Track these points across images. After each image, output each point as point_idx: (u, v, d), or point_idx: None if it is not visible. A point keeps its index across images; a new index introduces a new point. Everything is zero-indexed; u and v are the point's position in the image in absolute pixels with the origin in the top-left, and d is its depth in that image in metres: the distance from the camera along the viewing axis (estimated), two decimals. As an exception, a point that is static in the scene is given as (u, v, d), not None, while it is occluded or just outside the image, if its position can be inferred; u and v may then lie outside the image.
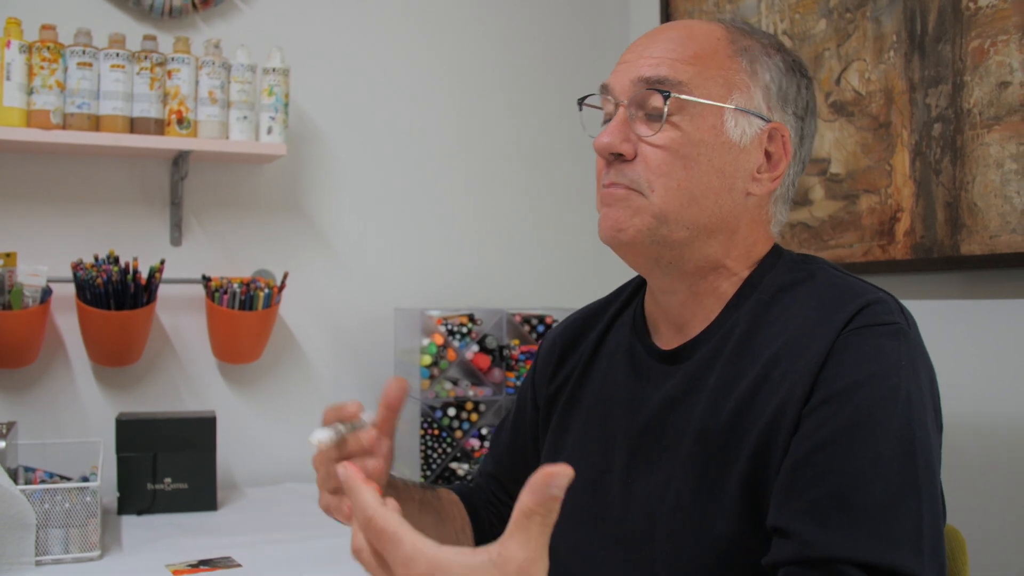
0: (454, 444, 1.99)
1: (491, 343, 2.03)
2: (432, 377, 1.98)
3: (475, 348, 2.02)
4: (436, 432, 1.98)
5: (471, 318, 2.03)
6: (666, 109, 0.92)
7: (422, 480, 1.95)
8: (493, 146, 2.23)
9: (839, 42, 1.73)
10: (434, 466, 1.98)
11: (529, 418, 1.17)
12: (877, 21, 1.66)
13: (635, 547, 0.95)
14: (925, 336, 0.93)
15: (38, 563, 1.43)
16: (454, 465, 1.99)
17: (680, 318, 0.99)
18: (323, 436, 0.88)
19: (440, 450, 1.98)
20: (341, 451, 0.92)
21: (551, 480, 0.57)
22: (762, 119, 0.95)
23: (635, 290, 1.11)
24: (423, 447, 1.97)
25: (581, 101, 1.02)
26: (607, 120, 0.99)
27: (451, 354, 2.00)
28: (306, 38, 2.05)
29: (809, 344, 0.86)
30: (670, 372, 0.98)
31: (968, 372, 1.51)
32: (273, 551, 1.54)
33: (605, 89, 0.98)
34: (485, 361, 2.02)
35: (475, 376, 2.03)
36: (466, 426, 2.00)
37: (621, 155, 0.94)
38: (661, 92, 0.92)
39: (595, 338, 1.12)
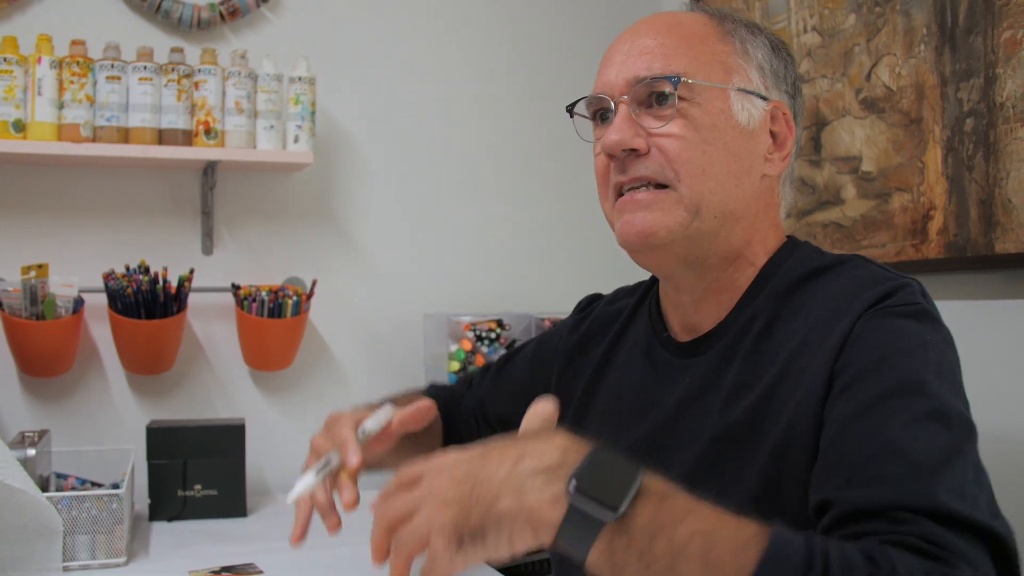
0: (483, 450, 1.98)
1: (519, 348, 2.02)
2: (460, 383, 1.97)
3: (503, 353, 2.00)
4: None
5: (500, 323, 2.02)
6: (676, 99, 0.90)
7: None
8: (522, 151, 2.22)
9: (869, 37, 1.69)
10: (463, 472, 1.97)
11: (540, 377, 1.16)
12: (907, 14, 1.61)
13: None
14: (960, 337, 0.90)
15: (65, 568, 1.46)
16: (483, 471, 1.98)
17: (696, 315, 0.97)
18: (301, 490, 0.95)
19: (469, 456, 1.98)
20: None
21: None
22: (763, 99, 0.93)
23: (653, 280, 1.09)
24: (452, 453, 1.97)
25: (571, 108, 1.00)
26: (602, 124, 0.97)
27: (480, 360, 1.99)
28: (335, 46, 2.07)
29: (829, 333, 0.84)
30: (686, 367, 0.96)
31: (1005, 373, 1.45)
32: (297, 558, 1.54)
33: (598, 93, 0.95)
34: (513, 367, 2.00)
35: (504, 382, 2.02)
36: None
37: (634, 150, 0.91)
38: (669, 79, 0.90)
39: (615, 332, 1.10)
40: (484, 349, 1.99)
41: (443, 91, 2.17)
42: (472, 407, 1.27)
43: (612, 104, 0.94)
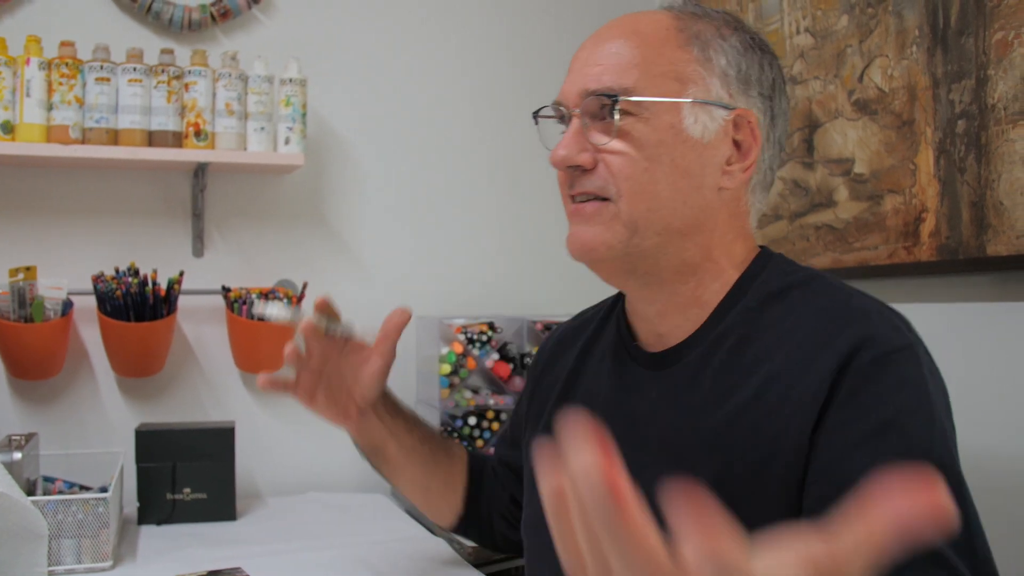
0: (475, 454, 1.97)
1: (512, 351, 2.01)
2: (452, 386, 1.97)
3: (495, 356, 2.00)
4: (456, 441, 1.96)
5: (491, 326, 2.01)
6: (616, 116, 0.88)
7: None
8: (514, 153, 2.21)
9: (861, 38, 1.68)
10: (455, 476, 1.96)
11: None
12: (899, 15, 1.60)
13: None
14: (952, 340, 0.89)
15: (51, 573, 1.45)
16: (475, 475, 1.97)
17: (661, 326, 0.95)
18: (276, 311, 1.08)
19: (461, 460, 1.97)
20: (332, 345, 1.12)
21: None
22: (725, 108, 0.90)
23: (621, 294, 1.08)
24: (443, 457, 1.96)
25: (536, 115, 0.99)
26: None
27: (471, 363, 1.98)
28: (327, 47, 2.06)
29: (809, 367, 0.82)
30: (655, 379, 0.94)
31: (996, 376, 1.44)
32: (286, 561, 1.54)
33: (557, 102, 0.95)
34: (505, 369, 1.99)
35: (496, 384, 2.01)
36: (487, 435, 1.98)
37: (580, 166, 0.90)
38: (609, 96, 0.88)
39: (581, 346, 1.09)
40: (475, 352, 1.98)
41: (435, 93, 2.16)
42: (500, 469, 1.28)
43: (567, 117, 0.93)
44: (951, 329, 1.50)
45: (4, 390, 1.85)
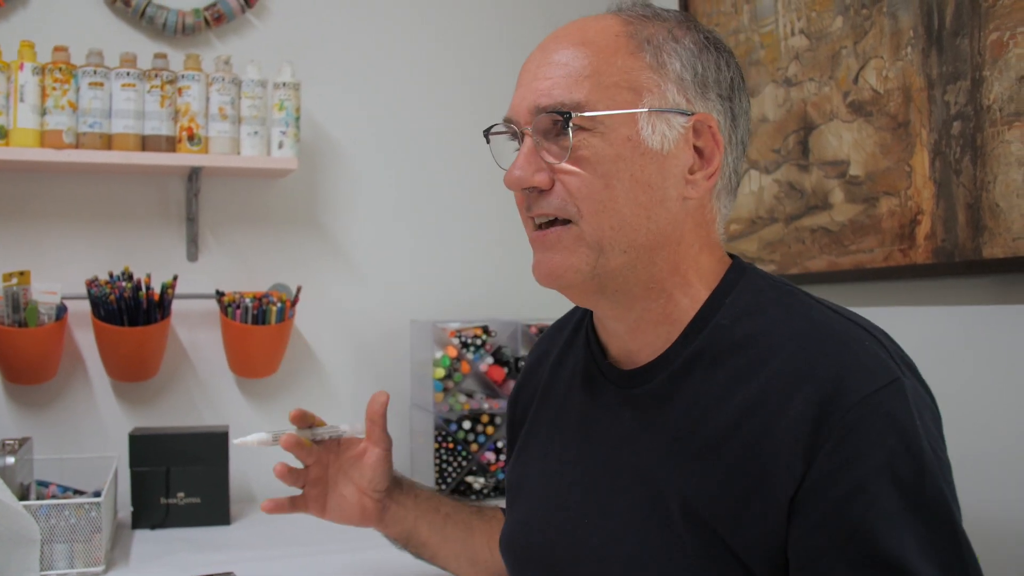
0: (470, 457, 1.97)
1: (506, 355, 2.00)
2: (446, 390, 1.96)
3: (489, 360, 1.99)
4: (451, 445, 1.96)
5: (485, 330, 2.00)
6: (570, 134, 0.84)
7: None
8: (508, 157, 2.20)
9: (856, 39, 1.67)
10: (449, 479, 1.95)
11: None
12: (894, 16, 1.59)
13: None
14: (948, 344, 0.86)
15: (43, 578, 1.45)
16: (470, 479, 1.96)
17: (632, 343, 0.92)
18: (256, 437, 1.11)
19: (455, 463, 1.96)
20: (325, 451, 1.15)
21: None
22: (683, 114, 0.86)
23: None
24: (438, 460, 1.95)
25: (487, 133, 0.94)
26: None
27: (465, 367, 1.97)
28: (321, 51, 2.06)
29: (787, 403, 0.79)
30: (627, 399, 0.91)
31: (993, 379, 1.43)
32: (277, 567, 1.54)
33: (508, 119, 0.90)
34: (500, 373, 1.99)
35: (490, 388, 2.01)
36: (482, 439, 1.97)
37: (535, 187, 0.86)
38: (561, 114, 0.84)
39: (553, 360, 1.06)
40: (469, 356, 1.98)
41: (428, 96, 2.16)
42: None
43: (519, 135, 0.89)
44: (947, 332, 1.49)
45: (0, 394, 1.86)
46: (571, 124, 0.83)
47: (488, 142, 0.95)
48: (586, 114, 0.83)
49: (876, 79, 1.63)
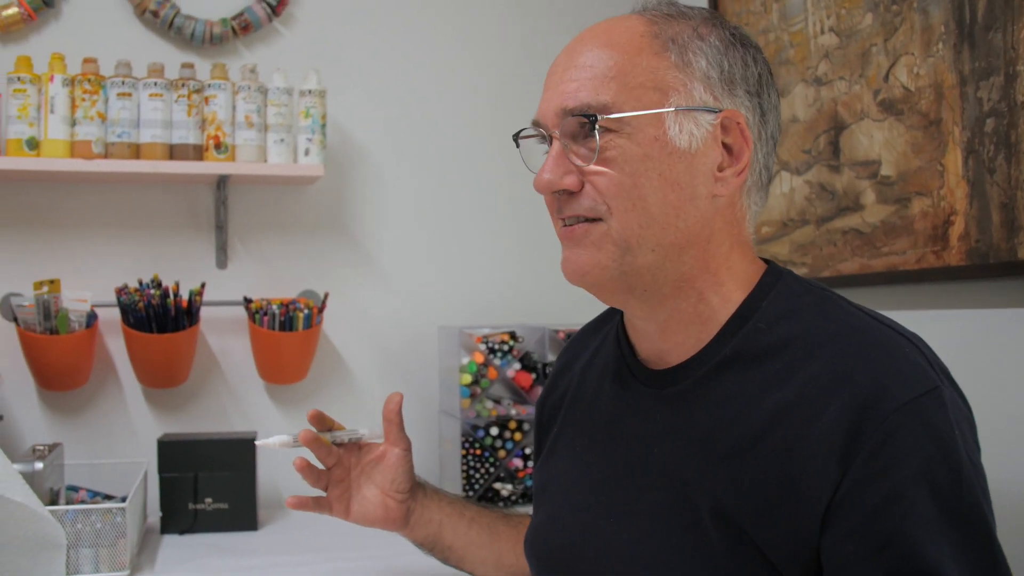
0: (497, 464, 1.95)
1: (534, 361, 1.99)
2: (473, 396, 1.95)
3: (517, 366, 1.98)
4: (478, 452, 1.95)
5: (513, 335, 1.99)
6: (597, 136, 0.84)
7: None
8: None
9: (886, 36, 1.63)
10: (476, 486, 1.94)
11: None
12: (924, 12, 1.55)
13: None
14: (981, 347, 0.85)
15: (68, 582, 1.47)
16: (497, 485, 1.95)
17: (663, 343, 0.92)
18: (276, 439, 1.16)
19: (483, 470, 1.95)
20: (347, 454, 1.18)
21: None
22: (710, 112, 0.86)
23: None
24: (464, 467, 1.94)
25: (516, 137, 0.95)
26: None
27: (492, 372, 1.96)
28: (347, 58, 2.07)
29: (823, 408, 0.78)
30: (657, 399, 0.91)
31: (1029, 388, 1.38)
32: (302, 573, 1.54)
33: (536, 121, 0.91)
34: (527, 379, 1.97)
35: (518, 394, 1.99)
36: (509, 445, 1.96)
37: (567, 189, 0.87)
38: (588, 116, 0.84)
39: (584, 361, 1.07)
40: (497, 362, 1.96)
41: (454, 102, 2.15)
42: None
43: (548, 138, 0.90)
44: (981, 336, 1.44)
45: (33, 401, 1.89)
46: (598, 126, 0.84)
47: (518, 146, 0.96)
48: (613, 115, 0.84)
49: (907, 76, 1.59)
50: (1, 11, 1.83)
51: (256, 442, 1.19)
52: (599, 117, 0.84)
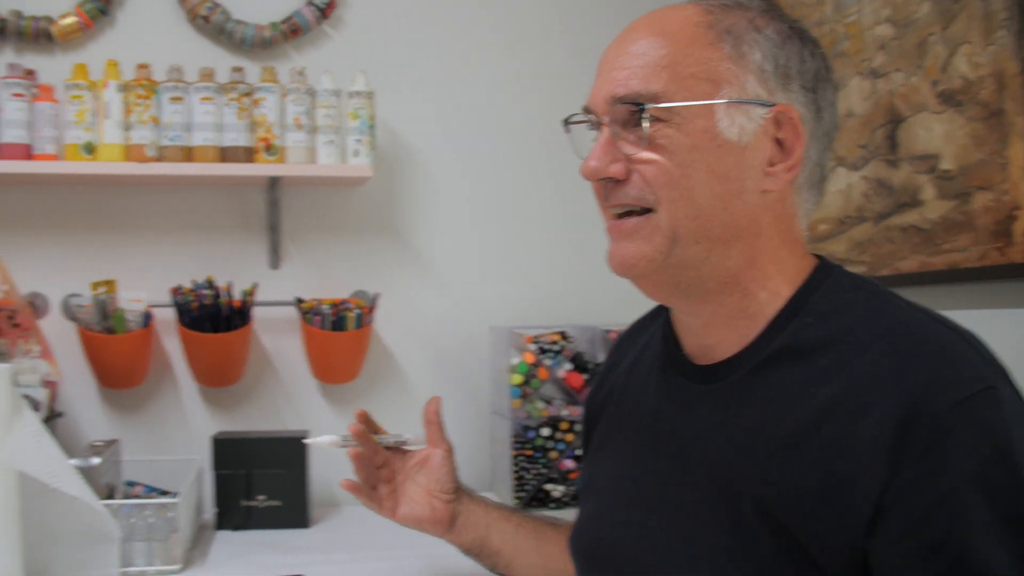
0: (549, 465, 1.94)
1: (585, 360, 1.97)
2: (524, 396, 1.94)
3: (568, 366, 1.96)
4: (529, 452, 1.94)
5: (563, 335, 1.98)
6: (646, 125, 0.83)
7: (515, 501, 1.92)
8: (589, 158, 2.18)
9: (944, 25, 1.57)
10: (528, 487, 1.93)
11: None
12: (985, -2, 1.49)
13: None
14: None
15: (123, 574, 1.50)
16: (548, 486, 1.94)
17: (708, 338, 0.90)
18: (324, 439, 1.23)
19: (534, 471, 1.94)
20: (394, 457, 1.22)
21: None
22: (763, 105, 0.84)
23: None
24: (516, 468, 1.93)
25: (567, 122, 0.95)
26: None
27: (543, 372, 1.95)
28: (397, 59, 2.08)
29: (872, 404, 0.76)
30: (703, 395, 0.90)
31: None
32: (350, 570, 1.55)
33: (586, 108, 0.91)
34: (578, 379, 1.96)
35: (569, 395, 1.98)
36: (561, 446, 1.94)
37: (614, 177, 0.86)
38: (637, 104, 0.84)
39: (632, 358, 1.06)
40: (547, 362, 1.95)
41: (503, 100, 2.14)
42: None
43: (597, 121, 0.89)
44: (1046, 336, 1.38)
45: (94, 398, 1.94)
46: (647, 115, 0.83)
47: (568, 131, 0.96)
48: (662, 105, 0.83)
49: (967, 66, 1.53)
50: (59, 20, 1.88)
51: (305, 441, 1.22)
52: (648, 106, 0.83)
